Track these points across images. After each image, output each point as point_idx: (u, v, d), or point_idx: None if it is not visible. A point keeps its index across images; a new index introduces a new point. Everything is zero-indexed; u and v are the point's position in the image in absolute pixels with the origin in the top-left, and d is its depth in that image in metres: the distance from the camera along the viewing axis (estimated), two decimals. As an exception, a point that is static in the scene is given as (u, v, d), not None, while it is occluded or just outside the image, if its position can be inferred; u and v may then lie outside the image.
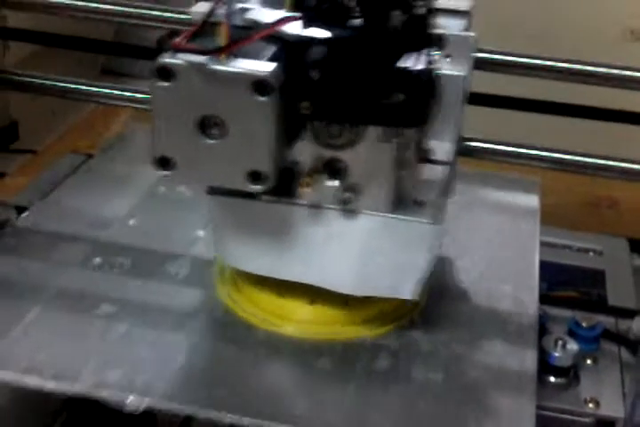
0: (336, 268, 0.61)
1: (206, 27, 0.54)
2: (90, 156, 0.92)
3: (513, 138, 0.74)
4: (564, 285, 0.80)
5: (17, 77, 0.80)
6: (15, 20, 0.87)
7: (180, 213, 0.76)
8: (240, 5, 0.56)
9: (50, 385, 0.57)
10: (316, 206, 0.59)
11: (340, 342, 0.63)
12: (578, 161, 0.72)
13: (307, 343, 0.63)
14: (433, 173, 0.62)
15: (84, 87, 0.79)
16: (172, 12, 0.74)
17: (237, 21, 0.55)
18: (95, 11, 0.76)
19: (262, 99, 0.52)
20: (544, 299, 0.70)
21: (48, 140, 1.12)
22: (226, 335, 0.64)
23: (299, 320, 0.64)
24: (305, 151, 0.57)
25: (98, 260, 0.70)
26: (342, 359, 0.62)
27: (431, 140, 0.63)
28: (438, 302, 0.68)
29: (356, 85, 0.53)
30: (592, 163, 0.72)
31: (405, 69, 0.52)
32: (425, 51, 0.53)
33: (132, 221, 0.76)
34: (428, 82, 0.53)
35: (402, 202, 0.59)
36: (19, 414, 0.68)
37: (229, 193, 0.59)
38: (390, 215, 0.59)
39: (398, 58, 0.52)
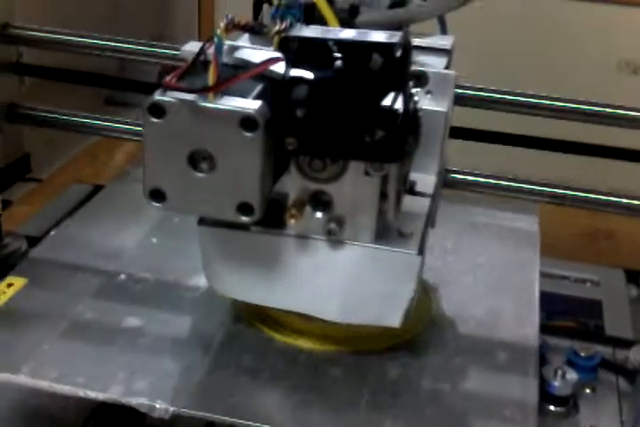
0: (323, 296, 0.62)
1: (196, 65, 0.56)
2: (97, 186, 0.95)
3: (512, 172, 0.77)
4: (562, 315, 0.81)
5: (29, 111, 0.83)
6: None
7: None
8: (229, 44, 0.59)
9: (82, 393, 0.61)
10: (302, 237, 0.61)
11: (351, 354, 0.66)
12: (573, 195, 0.74)
13: (321, 354, 0.66)
14: (417, 204, 0.64)
15: (91, 121, 0.83)
16: (171, 49, 0.78)
17: (226, 60, 0.57)
18: (101, 47, 0.80)
19: (249, 134, 0.55)
20: (542, 329, 0.71)
21: (51, 170, 1.14)
22: (245, 347, 0.67)
23: (313, 333, 0.67)
24: (291, 184, 0.59)
25: (122, 276, 0.74)
26: (354, 369, 0.65)
27: (415, 174, 0.65)
28: (439, 329, 0.71)
29: (338, 123, 0.55)
30: (585, 197, 0.74)
31: (385, 108, 0.54)
32: (405, 89, 0.55)
33: (145, 249, 0.79)
34: (406, 119, 0.55)
35: (386, 233, 0.61)
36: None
37: (219, 224, 0.61)
38: (375, 246, 0.60)
39: (379, 96, 0.54)
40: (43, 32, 0.81)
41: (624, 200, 0.73)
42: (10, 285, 0.72)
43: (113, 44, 0.80)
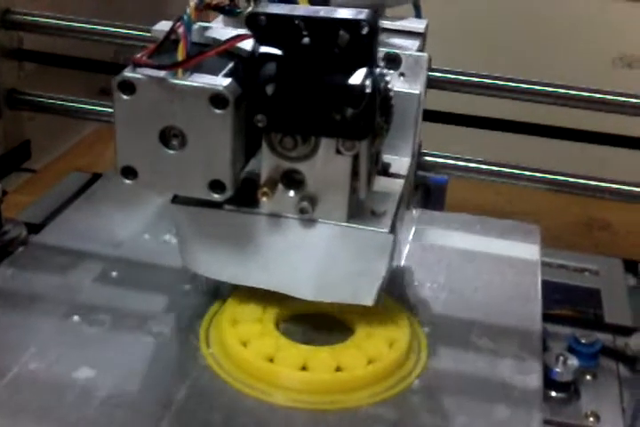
0: (297, 275, 0.63)
1: (167, 44, 0.57)
2: (95, 174, 0.95)
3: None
4: (561, 303, 0.81)
5: (29, 97, 0.84)
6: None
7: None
8: (201, 24, 0.59)
9: None
10: (275, 216, 0.61)
11: (333, 412, 0.60)
12: (566, 181, 0.74)
13: (298, 414, 0.60)
14: (390, 185, 0.65)
15: (92, 107, 0.83)
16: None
17: (198, 39, 0.58)
18: (102, 33, 0.80)
19: (219, 111, 0.55)
20: (542, 316, 0.71)
21: (47, 160, 1.15)
22: (212, 404, 0.60)
23: (289, 388, 0.61)
24: (263, 162, 0.60)
25: (76, 318, 0.67)
26: None
27: (390, 156, 0.66)
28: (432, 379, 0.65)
29: (307, 100, 0.55)
30: (577, 183, 0.74)
31: (353, 85, 0.54)
32: (375, 68, 0.56)
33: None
34: (374, 96, 0.55)
35: (359, 212, 0.61)
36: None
37: (192, 202, 0.61)
38: (347, 224, 0.61)
39: (347, 74, 0.55)
40: (44, 18, 0.81)
41: (623, 187, 0.73)
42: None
43: (113, 29, 0.79)
